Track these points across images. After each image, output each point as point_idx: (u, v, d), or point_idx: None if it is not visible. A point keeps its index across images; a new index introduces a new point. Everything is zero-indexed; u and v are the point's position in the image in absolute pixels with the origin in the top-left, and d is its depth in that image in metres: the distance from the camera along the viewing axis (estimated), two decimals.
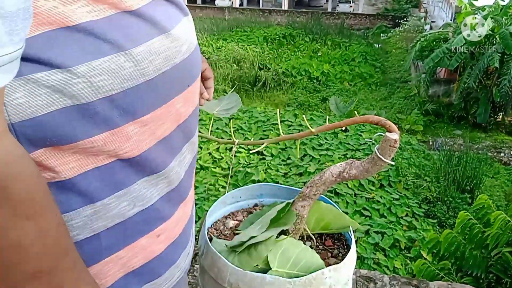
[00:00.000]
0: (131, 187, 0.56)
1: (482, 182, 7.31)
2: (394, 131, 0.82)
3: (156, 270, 0.63)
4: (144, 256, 0.60)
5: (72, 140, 0.49)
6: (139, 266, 0.60)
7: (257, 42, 18.75)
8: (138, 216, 0.57)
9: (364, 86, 16.10)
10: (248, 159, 7.34)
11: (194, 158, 0.71)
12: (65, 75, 0.46)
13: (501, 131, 12.17)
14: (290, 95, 15.43)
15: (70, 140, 0.49)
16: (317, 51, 18.34)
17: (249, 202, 1.17)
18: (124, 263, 0.58)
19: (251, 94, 15.56)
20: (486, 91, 11.80)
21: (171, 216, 0.63)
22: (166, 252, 0.63)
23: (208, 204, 5.73)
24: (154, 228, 0.60)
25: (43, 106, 0.46)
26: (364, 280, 1.67)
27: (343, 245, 1.03)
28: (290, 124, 8.53)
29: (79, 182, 0.52)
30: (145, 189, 0.57)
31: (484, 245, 2.45)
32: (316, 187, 0.93)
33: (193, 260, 1.78)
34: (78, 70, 0.47)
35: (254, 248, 0.92)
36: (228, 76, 15.55)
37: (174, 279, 0.67)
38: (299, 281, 0.82)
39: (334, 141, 7.75)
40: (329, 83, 16.21)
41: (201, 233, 0.98)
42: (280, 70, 16.60)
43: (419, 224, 5.96)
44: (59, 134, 0.48)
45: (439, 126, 12.51)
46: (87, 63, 0.47)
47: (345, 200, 6.06)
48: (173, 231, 0.64)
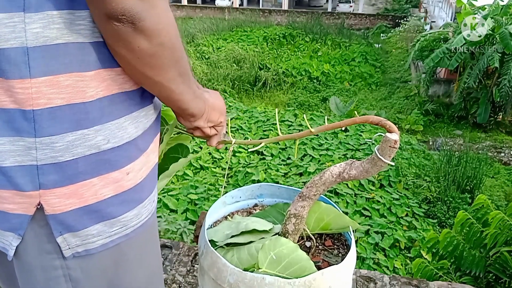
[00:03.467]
0: (107, 124, 0.65)
1: (482, 182, 7.31)
2: (394, 132, 0.82)
3: (126, 204, 0.70)
4: (115, 188, 0.67)
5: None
6: (109, 196, 0.67)
7: (257, 42, 18.74)
8: (111, 151, 0.66)
9: (364, 86, 16.10)
10: (248, 159, 7.34)
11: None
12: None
13: (501, 131, 12.17)
14: (290, 95, 15.43)
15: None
16: (317, 51, 18.34)
17: (249, 202, 1.17)
18: (97, 190, 0.66)
19: (251, 94, 15.57)
20: (486, 91, 11.80)
21: (136, 159, 0.71)
22: (134, 190, 0.71)
23: (208, 204, 5.73)
24: (124, 166, 0.68)
25: None
26: (364, 280, 1.67)
27: (343, 245, 1.03)
28: (290, 124, 8.54)
29: (65, 112, 0.61)
30: (117, 130, 0.66)
31: (482, 244, 2.46)
32: (316, 187, 0.93)
33: (193, 260, 1.78)
34: None
35: (254, 248, 0.92)
36: (228, 76, 15.55)
37: (142, 218, 0.74)
38: (298, 282, 0.82)
39: (334, 141, 7.75)
40: (329, 83, 16.20)
41: (201, 233, 0.98)
42: (280, 70, 16.60)
43: (419, 224, 5.96)
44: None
45: (439, 126, 12.51)
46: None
47: (345, 200, 6.06)
48: (139, 173, 0.71)
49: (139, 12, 0.57)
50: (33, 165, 0.61)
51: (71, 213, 0.64)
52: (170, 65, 0.66)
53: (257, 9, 24.56)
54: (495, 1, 12.17)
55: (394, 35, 19.79)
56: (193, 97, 0.76)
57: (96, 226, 0.67)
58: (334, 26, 20.97)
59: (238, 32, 19.52)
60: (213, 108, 0.85)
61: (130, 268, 0.76)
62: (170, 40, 0.63)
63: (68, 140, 0.62)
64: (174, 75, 0.68)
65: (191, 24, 19.93)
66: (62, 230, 0.64)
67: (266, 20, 21.87)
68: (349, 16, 23.60)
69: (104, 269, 0.71)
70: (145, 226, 0.75)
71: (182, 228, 4.41)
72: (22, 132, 0.60)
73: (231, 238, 0.95)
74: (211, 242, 0.94)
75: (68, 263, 0.67)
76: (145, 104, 0.73)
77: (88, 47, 0.62)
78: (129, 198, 0.70)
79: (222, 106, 0.89)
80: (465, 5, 11.86)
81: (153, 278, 0.84)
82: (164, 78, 0.67)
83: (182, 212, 5.62)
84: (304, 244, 1.01)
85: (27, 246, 0.65)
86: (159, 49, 0.62)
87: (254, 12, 23.27)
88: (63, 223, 0.64)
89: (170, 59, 0.65)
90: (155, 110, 0.78)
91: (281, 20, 22.52)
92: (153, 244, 0.84)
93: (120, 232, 0.70)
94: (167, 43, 0.63)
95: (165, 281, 1.67)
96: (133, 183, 0.70)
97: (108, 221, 0.68)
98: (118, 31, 0.58)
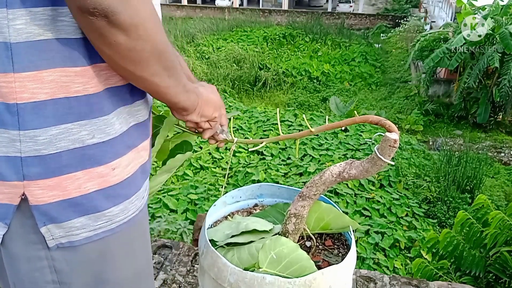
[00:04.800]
0: (94, 119, 0.65)
1: (482, 182, 7.30)
2: (394, 131, 0.82)
3: (111, 199, 0.70)
4: (99, 183, 0.68)
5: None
6: (93, 191, 0.68)
7: (257, 42, 18.73)
8: (96, 146, 0.66)
9: (364, 86, 16.09)
10: (248, 159, 7.34)
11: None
12: None
13: (501, 131, 12.16)
14: (290, 95, 15.42)
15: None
16: (317, 51, 18.33)
17: (249, 202, 1.17)
18: (81, 184, 0.66)
19: (251, 94, 15.56)
20: (486, 91, 11.80)
21: (124, 155, 0.71)
22: (120, 186, 0.71)
23: (208, 204, 5.73)
24: (110, 161, 0.68)
25: None
26: (364, 280, 1.67)
27: (343, 245, 1.03)
28: (290, 124, 8.54)
29: (48, 106, 0.62)
30: (104, 125, 0.67)
31: (482, 244, 2.46)
32: (316, 187, 0.93)
33: (193, 260, 1.78)
34: None
35: (254, 248, 0.92)
36: (228, 76, 15.54)
37: (129, 214, 0.74)
38: (299, 281, 0.82)
39: (334, 141, 7.75)
40: (329, 83, 16.20)
41: (201, 233, 0.98)
42: (280, 70, 16.59)
43: (419, 224, 5.96)
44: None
45: (439, 126, 12.51)
46: None
47: (345, 200, 6.06)
48: (126, 169, 0.71)
49: (111, 5, 0.56)
50: (17, 157, 0.62)
51: (55, 205, 0.65)
52: (152, 59, 0.64)
53: (257, 9, 24.56)
54: (495, 1, 12.17)
55: (394, 35, 19.79)
56: (183, 91, 0.75)
57: (80, 219, 0.68)
58: (334, 26, 20.96)
59: (238, 32, 19.52)
60: (206, 102, 0.84)
61: (116, 264, 0.76)
62: (149, 33, 0.62)
63: (51, 133, 0.63)
64: (157, 69, 0.66)
65: (191, 24, 19.94)
66: (46, 221, 0.65)
67: (266, 20, 21.86)
68: (349, 16, 23.60)
69: (90, 262, 0.71)
70: (132, 222, 0.76)
71: (182, 228, 4.41)
72: (6, 124, 0.61)
73: (231, 238, 0.96)
74: (211, 242, 0.94)
75: (53, 254, 0.68)
76: (134, 100, 0.73)
77: (73, 43, 0.62)
78: (115, 193, 0.71)
79: (217, 100, 0.88)
80: (465, 5, 11.86)
81: (141, 275, 0.84)
82: (147, 73, 0.66)
83: (182, 212, 5.62)
84: (304, 243, 1.01)
85: (13, 236, 0.66)
86: (137, 43, 0.61)
87: (254, 12, 23.27)
88: (47, 214, 0.65)
89: (152, 52, 0.64)
90: (145, 106, 0.77)
91: (281, 20, 22.52)
92: (142, 240, 0.84)
93: (105, 226, 0.71)
94: (146, 36, 0.61)
95: (165, 281, 1.67)
96: (120, 179, 0.71)
97: (92, 214, 0.68)
98: (93, 25, 0.58)
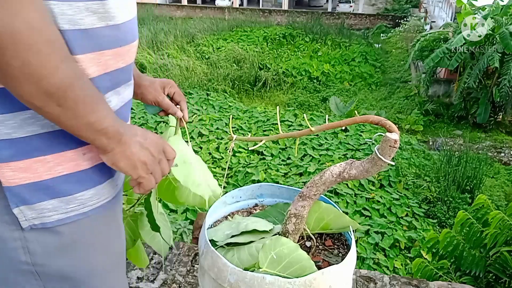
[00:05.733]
0: None
1: (482, 182, 7.31)
2: (394, 131, 0.82)
3: (83, 183, 0.72)
4: (70, 167, 0.70)
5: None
6: (64, 174, 0.69)
7: (257, 42, 18.74)
8: (65, 131, 0.67)
9: (364, 86, 16.09)
10: (248, 159, 7.34)
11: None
12: None
13: (501, 131, 12.16)
14: (290, 95, 15.42)
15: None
16: (317, 51, 18.33)
17: (249, 202, 1.17)
18: (51, 167, 0.68)
19: (251, 94, 15.56)
20: (486, 91, 11.80)
21: None
22: (91, 170, 0.72)
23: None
24: (80, 146, 0.70)
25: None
26: (364, 280, 1.67)
27: (343, 245, 1.03)
28: (290, 124, 8.54)
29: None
30: None
31: (482, 244, 2.46)
32: (316, 187, 0.93)
33: (193, 260, 1.78)
34: None
35: (254, 248, 0.92)
36: (228, 76, 15.53)
37: (102, 199, 0.76)
38: (299, 281, 0.82)
39: (334, 141, 7.75)
40: (329, 83, 16.20)
41: (201, 233, 0.98)
42: (280, 70, 16.59)
43: (419, 224, 5.96)
44: None
45: (439, 126, 12.51)
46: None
47: (345, 200, 6.06)
48: (98, 155, 0.71)
49: None
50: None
51: (26, 187, 0.67)
52: (24, 79, 0.57)
53: (257, 9, 24.55)
54: (495, 1, 12.17)
55: (394, 35, 19.79)
56: (85, 128, 0.65)
57: (51, 201, 0.69)
58: (334, 26, 20.96)
59: (238, 32, 19.52)
60: (128, 157, 0.70)
61: (89, 248, 0.77)
62: (18, 50, 0.54)
63: (20, 118, 0.64)
64: (34, 92, 0.58)
65: (191, 24, 19.95)
66: (18, 202, 0.67)
67: (266, 20, 21.87)
68: (349, 16, 23.59)
69: (63, 246, 0.72)
70: (106, 207, 0.77)
71: (182, 228, 4.42)
72: None
73: (232, 238, 0.96)
74: (211, 242, 0.94)
75: (26, 235, 0.69)
76: (105, 92, 0.73)
77: None
78: (87, 178, 0.72)
79: (142, 156, 0.72)
80: (465, 5, 11.86)
81: (115, 264, 0.85)
82: (23, 92, 0.58)
83: (182, 212, 5.62)
84: (304, 244, 1.01)
85: None
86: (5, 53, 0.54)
87: (254, 12, 23.27)
88: (19, 195, 0.67)
89: (23, 72, 0.56)
90: (115, 95, 0.76)
91: (281, 20, 22.52)
92: (116, 228, 0.85)
93: (78, 210, 0.72)
94: (12, 52, 0.54)
95: (165, 281, 1.67)
96: (91, 164, 0.72)
97: (64, 197, 0.70)
98: None
